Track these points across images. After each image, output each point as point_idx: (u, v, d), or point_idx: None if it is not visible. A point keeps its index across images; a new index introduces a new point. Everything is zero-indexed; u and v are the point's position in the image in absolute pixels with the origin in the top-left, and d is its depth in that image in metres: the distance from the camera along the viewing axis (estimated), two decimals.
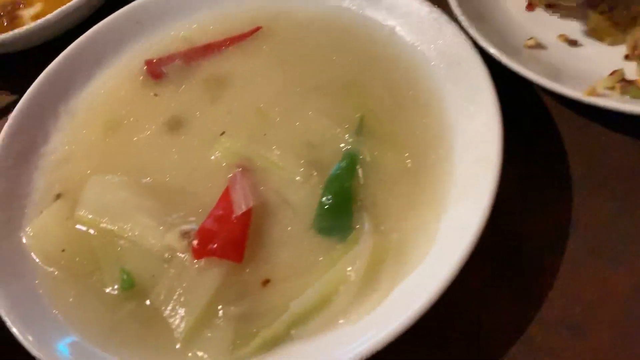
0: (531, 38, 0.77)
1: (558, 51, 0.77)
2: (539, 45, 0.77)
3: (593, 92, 0.67)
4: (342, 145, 0.72)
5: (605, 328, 0.59)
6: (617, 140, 0.71)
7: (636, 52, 0.70)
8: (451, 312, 0.61)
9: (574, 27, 0.79)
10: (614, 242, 0.64)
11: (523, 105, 0.76)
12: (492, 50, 0.72)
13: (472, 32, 0.74)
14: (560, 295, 0.62)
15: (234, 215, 0.67)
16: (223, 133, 0.77)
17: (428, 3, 0.79)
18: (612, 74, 0.70)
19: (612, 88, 0.69)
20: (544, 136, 0.73)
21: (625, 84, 0.69)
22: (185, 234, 0.67)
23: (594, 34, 0.77)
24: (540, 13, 0.82)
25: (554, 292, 0.62)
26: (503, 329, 0.61)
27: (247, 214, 0.67)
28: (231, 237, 0.66)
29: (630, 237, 0.64)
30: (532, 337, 0.60)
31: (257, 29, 0.87)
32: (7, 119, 0.82)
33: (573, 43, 0.78)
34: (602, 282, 0.62)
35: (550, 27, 0.79)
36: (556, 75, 0.71)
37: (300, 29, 0.86)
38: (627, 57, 0.73)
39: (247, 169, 0.73)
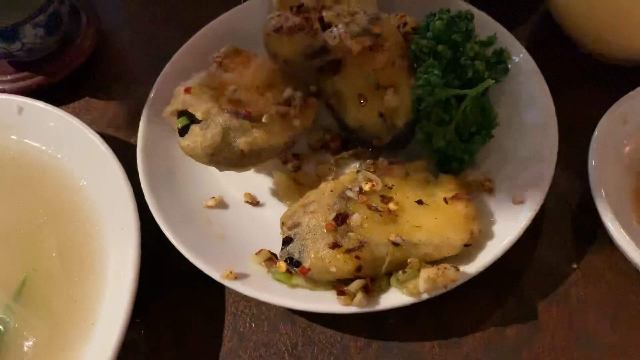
0: (213, 197, 0.78)
1: (239, 212, 0.78)
2: (221, 205, 0.78)
3: (230, 276, 0.68)
4: None
5: None
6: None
7: (284, 227, 0.70)
8: None
9: (264, 186, 0.80)
10: None
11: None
12: (158, 218, 0.72)
13: (145, 188, 0.74)
14: None
15: None
16: None
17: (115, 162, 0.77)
18: (258, 252, 0.71)
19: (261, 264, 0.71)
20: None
21: (270, 263, 0.70)
22: None
23: (276, 194, 0.79)
24: None
25: None
26: None
27: None
28: None
29: None
30: None
31: None
32: None
33: (255, 203, 0.78)
34: None
35: (244, 184, 0.80)
36: (213, 246, 0.72)
37: (0, 166, 0.83)
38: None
39: None
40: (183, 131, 0.73)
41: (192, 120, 0.73)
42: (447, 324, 0.70)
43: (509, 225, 0.70)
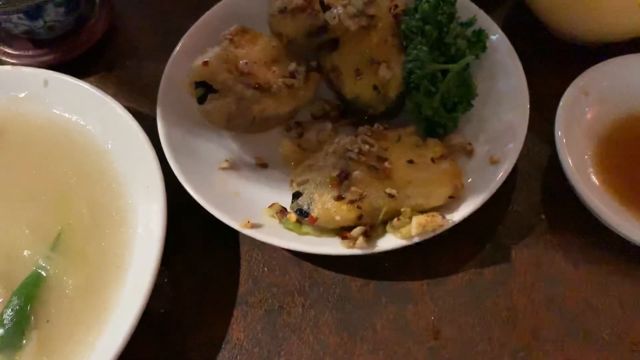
0: (227, 160, 0.87)
1: (250, 173, 0.87)
2: (233, 167, 0.87)
3: (247, 225, 0.77)
4: (36, 258, 0.79)
5: None
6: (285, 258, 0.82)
7: (294, 184, 0.80)
8: None
9: (271, 150, 0.89)
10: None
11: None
12: (180, 178, 0.81)
13: (167, 151, 0.83)
14: None
15: None
16: None
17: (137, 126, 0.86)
18: (271, 206, 0.81)
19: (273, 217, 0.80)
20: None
21: (282, 215, 0.80)
22: None
23: (283, 158, 0.88)
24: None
25: None
26: None
27: None
28: None
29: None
30: None
31: None
32: None
33: (264, 165, 0.88)
34: None
35: (253, 149, 0.89)
36: (229, 201, 0.81)
37: (30, 134, 0.91)
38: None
39: None
40: (201, 100, 0.82)
41: (209, 90, 0.82)
42: (434, 267, 0.81)
43: (486, 181, 0.80)
